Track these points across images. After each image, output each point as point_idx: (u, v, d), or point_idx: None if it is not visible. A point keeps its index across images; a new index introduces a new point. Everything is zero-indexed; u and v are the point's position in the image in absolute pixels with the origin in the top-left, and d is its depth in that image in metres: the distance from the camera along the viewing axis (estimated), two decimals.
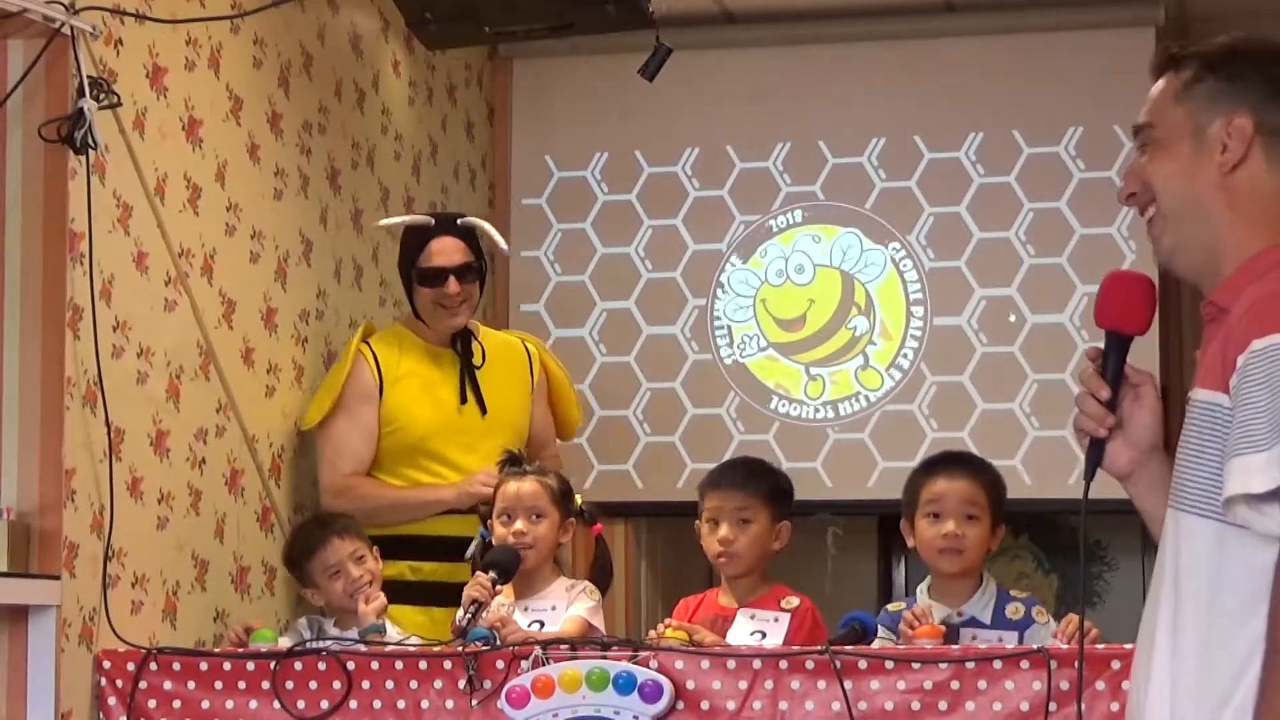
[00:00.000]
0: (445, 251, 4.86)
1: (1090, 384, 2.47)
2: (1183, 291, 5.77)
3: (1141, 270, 2.53)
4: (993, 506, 4.21)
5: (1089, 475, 2.50)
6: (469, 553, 4.56)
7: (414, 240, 4.92)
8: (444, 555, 4.72)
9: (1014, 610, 4.16)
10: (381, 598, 4.38)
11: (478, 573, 4.23)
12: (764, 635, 4.15)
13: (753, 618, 4.23)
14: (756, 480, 4.40)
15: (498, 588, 4.20)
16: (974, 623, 4.16)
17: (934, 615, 4.14)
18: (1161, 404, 2.48)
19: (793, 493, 4.49)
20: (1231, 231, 2.36)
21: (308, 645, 4.16)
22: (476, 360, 4.95)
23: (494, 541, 4.38)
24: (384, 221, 5.23)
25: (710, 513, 4.36)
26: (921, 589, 4.26)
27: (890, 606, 4.30)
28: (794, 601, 4.28)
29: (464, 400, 4.89)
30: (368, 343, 4.92)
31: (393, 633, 4.28)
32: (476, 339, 4.99)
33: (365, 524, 4.67)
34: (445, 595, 4.57)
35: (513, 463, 4.50)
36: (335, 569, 4.43)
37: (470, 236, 4.94)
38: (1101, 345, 2.49)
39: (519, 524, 4.33)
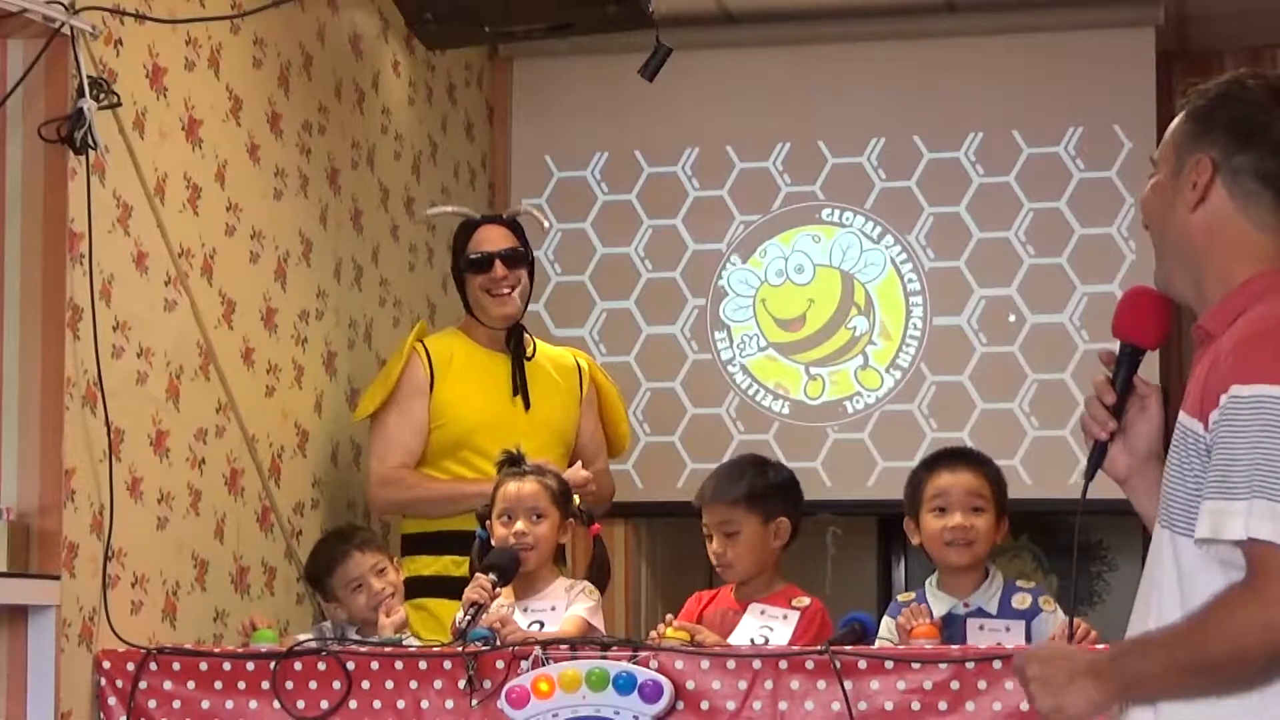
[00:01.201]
0: (491, 239, 4.95)
1: (1098, 389, 2.58)
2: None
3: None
4: (997, 499, 4.22)
5: (1089, 475, 2.60)
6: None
7: (462, 236, 5.01)
8: None
9: (1021, 600, 4.16)
10: (401, 611, 4.39)
11: (478, 574, 4.23)
12: (771, 632, 4.15)
13: (762, 613, 4.23)
14: (732, 488, 4.36)
15: (497, 590, 4.20)
16: (980, 613, 4.16)
17: (940, 606, 4.15)
18: (1164, 417, 2.58)
19: (787, 485, 4.44)
20: (1209, 263, 2.46)
21: (306, 644, 4.16)
22: (528, 352, 4.99)
23: (494, 542, 4.38)
24: (433, 211, 5.32)
25: (705, 529, 4.39)
26: (930, 582, 4.26)
27: (900, 597, 4.31)
28: (805, 601, 4.28)
29: (515, 392, 4.94)
30: (422, 342, 4.97)
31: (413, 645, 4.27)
32: (529, 335, 5.04)
33: (410, 515, 4.83)
34: None
35: (511, 463, 4.50)
36: (357, 582, 4.44)
37: (516, 227, 5.02)
38: (1115, 350, 2.59)
39: (519, 524, 4.32)
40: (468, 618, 4.09)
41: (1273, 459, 2.22)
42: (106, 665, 4.14)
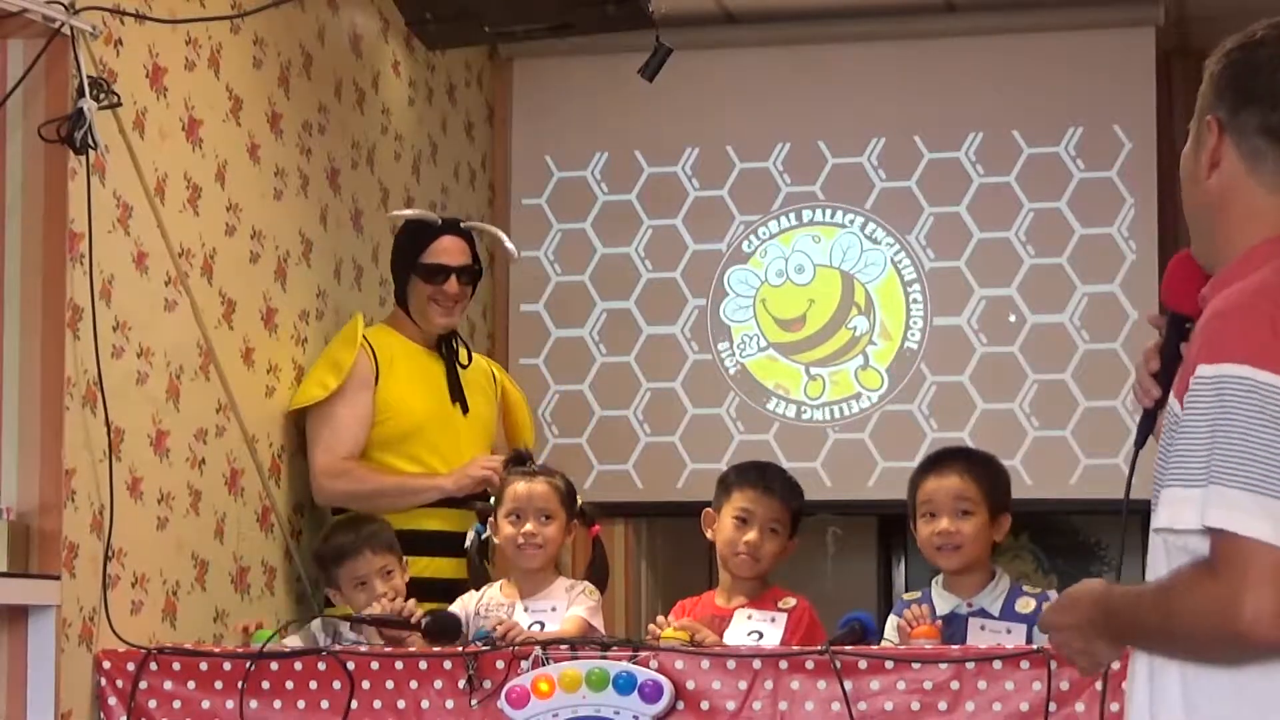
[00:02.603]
0: (450, 251, 4.96)
1: (1146, 355, 2.47)
2: None
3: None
4: (990, 498, 4.21)
5: (1138, 444, 2.49)
6: (467, 543, 4.58)
7: (418, 236, 5.00)
8: (438, 551, 4.75)
9: (1024, 604, 4.16)
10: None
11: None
12: (761, 635, 4.15)
13: (750, 618, 4.23)
14: (795, 499, 4.43)
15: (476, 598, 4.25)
16: (983, 613, 4.16)
17: (944, 605, 4.16)
18: None
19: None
20: (1221, 231, 2.35)
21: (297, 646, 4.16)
22: (463, 360, 5.04)
23: (499, 540, 4.39)
24: (394, 213, 5.30)
25: (741, 512, 4.37)
26: (936, 581, 4.27)
27: (905, 595, 4.33)
28: (791, 602, 4.29)
29: (453, 397, 4.97)
30: (363, 335, 4.97)
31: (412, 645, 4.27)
32: (461, 341, 5.09)
33: (356, 508, 4.78)
34: (441, 592, 4.58)
35: (519, 462, 4.51)
36: (361, 580, 4.43)
37: (471, 240, 5.05)
38: (1166, 316, 2.47)
39: (529, 525, 4.33)
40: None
41: (1232, 442, 2.11)
42: (106, 665, 4.14)
